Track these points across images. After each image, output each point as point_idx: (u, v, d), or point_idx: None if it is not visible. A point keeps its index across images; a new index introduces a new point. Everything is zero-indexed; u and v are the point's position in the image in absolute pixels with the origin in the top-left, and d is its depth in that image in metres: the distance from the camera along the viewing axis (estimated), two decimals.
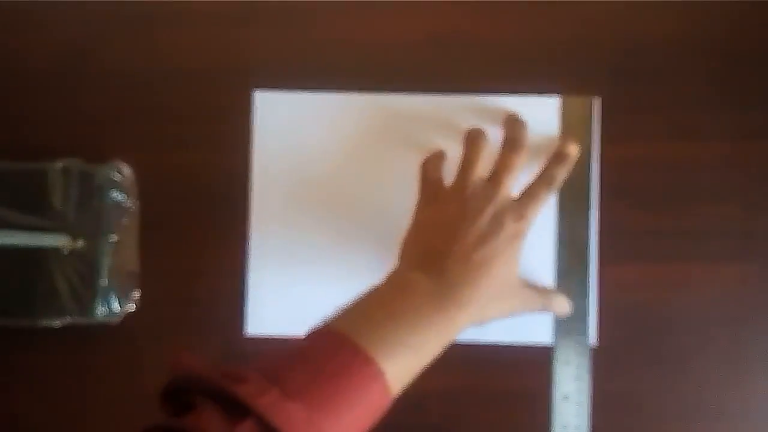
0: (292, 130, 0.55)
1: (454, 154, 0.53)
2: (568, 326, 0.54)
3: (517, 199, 0.50)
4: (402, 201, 0.53)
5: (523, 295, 0.50)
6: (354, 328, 0.43)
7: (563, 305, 0.53)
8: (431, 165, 0.53)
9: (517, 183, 0.51)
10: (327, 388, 0.40)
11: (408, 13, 0.55)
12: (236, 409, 0.37)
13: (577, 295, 0.54)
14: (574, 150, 0.52)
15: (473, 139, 0.52)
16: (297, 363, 0.41)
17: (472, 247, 0.47)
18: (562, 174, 0.51)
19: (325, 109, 0.55)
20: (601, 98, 0.54)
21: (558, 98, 0.55)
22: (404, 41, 0.55)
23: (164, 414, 0.40)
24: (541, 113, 0.54)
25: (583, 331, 0.54)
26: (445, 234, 0.48)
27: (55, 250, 0.52)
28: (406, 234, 0.51)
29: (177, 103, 0.56)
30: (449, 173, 0.53)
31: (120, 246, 0.53)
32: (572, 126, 0.54)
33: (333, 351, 0.42)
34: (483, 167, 0.51)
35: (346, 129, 0.55)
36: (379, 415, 0.42)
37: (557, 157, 0.52)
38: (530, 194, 0.50)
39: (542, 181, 0.51)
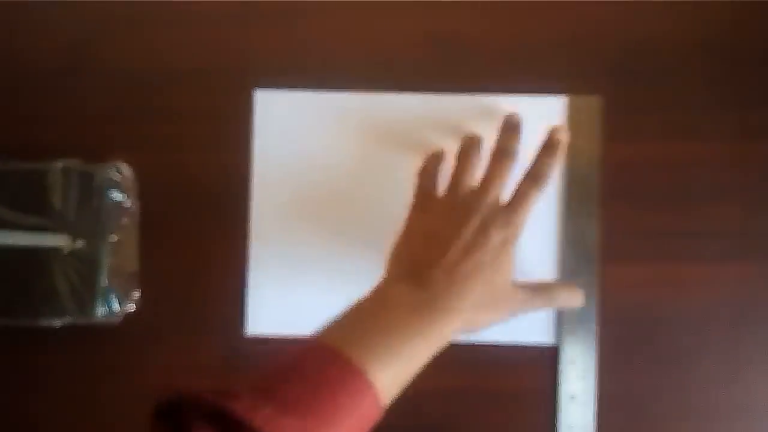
0: (293, 129, 0.55)
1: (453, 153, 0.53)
2: (573, 325, 0.54)
3: (507, 204, 0.49)
4: (402, 201, 0.53)
5: (517, 299, 0.49)
6: (343, 340, 0.43)
7: (572, 297, 0.52)
8: (426, 173, 0.53)
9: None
10: (320, 402, 0.40)
11: (408, 13, 0.55)
12: (231, 427, 0.37)
13: (584, 294, 0.53)
14: (564, 137, 0.51)
15: (465, 149, 0.52)
16: (289, 377, 0.41)
17: (458, 259, 0.47)
18: (552, 168, 0.50)
19: (326, 109, 0.55)
20: (601, 98, 0.55)
21: (564, 98, 0.54)
22: (404, 41, 0.55)
23: None
24: (545, 113, 0.54)
25: (590, 330, 0.54)
26: (432, 245, 0.48)
27: (55, 250, 0.52)
28: (395, 242, 0.51)
29: (177, 103, 0.56)
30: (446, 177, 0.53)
31: (120, 246, 0.53)
32: (579, 125, 0.54)
33: (324, 364, 0.42)
34: (473, 177, 0.51)
35: (347, 128, 0.55)
36: (370, 426, 0.42)
37: (546, 148, 0.50)
38: (519, 197, 0.49)
39: (531, 179, 0.49)
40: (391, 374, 0.43)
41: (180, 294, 0.55)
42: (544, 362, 0.54)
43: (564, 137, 0.51)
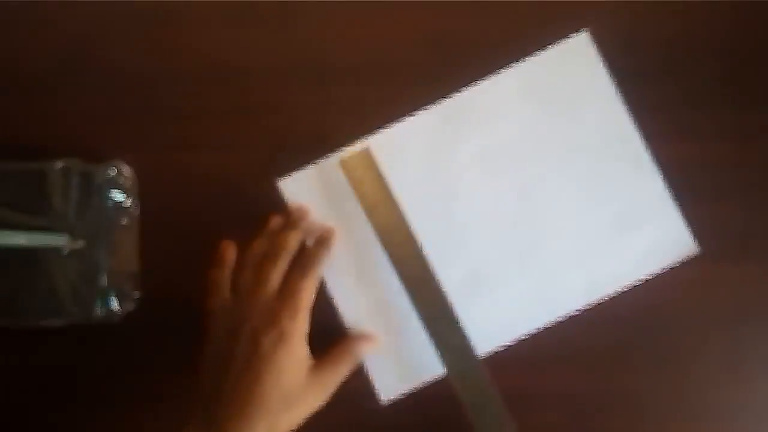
0: (325, 201, 0.55)
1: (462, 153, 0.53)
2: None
3: (278, 298, 0.49)
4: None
5: (320, 387, 0.49)
6: None
7: (371, 345, 0.53)
8: (212, 287, 0.52)
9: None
10: None
11: (408, 12, 0.55)
12: None
13: (453, 334, 0.52)
14: (333, 237, 0.53)
15: (220, 253, 0.52)
16: None
17: (236, 380, 0.47)
18: (320, 261, 0.51)
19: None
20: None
21: (585, 32, 0.54)
22: (405, 41, 0.55)
23: None
24: (577, 53, 0.54)
25: (474, 363, 0.52)
26: (215, 373, 0.48)
27: (55, 250, 0.52)
28: (198, 379, 0.50)
29: (177, 103, 0.56)
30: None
31: (120, 246, 0.53)
32: (360, 181, 0.54)
33: None
34: (247, 282, 0.51)
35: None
36: None
37: (318, 243, 0.52)
38: (289, 291, 0.49)
39: (300, 271, 0.50)
40: None
41: (180, 294, 0.55)
42: (541, 362, 0.54)
43: (333, 238, 0.52)
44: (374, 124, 0.55)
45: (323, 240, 0.53)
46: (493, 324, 0.54)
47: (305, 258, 0.51)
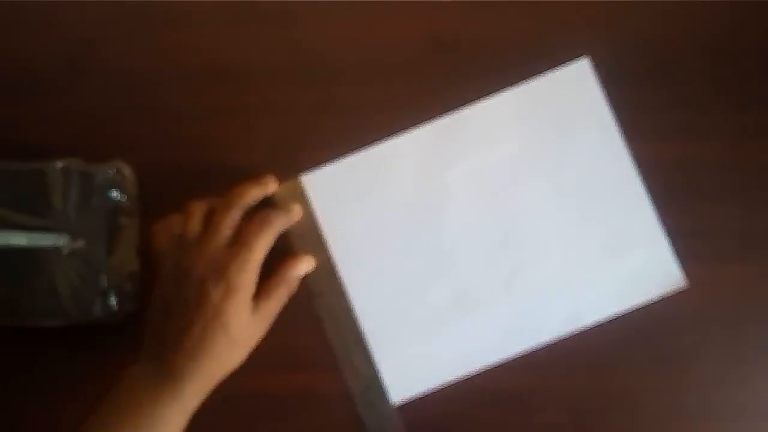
0: (350, 197, 0.55)
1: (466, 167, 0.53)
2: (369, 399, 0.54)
3: (228, 249, 0.49)
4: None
5: (262, 320, 0.50)
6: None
7: (306, 266, 0.53)
8: (155, 235, 0.52)
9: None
10: None
11: (408, 12, 0.55)
12: None
13: (365, 365, 0.54)
14: (298, 213, 0.54)
15: (189, 208, 0.51)
16: None
17: (185, 325, 0.48)
18: (281, 222, 0.52)
19: (370, 164, 0.55)
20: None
21: (585, 59, 0.54)
22: (405, 41, 0.55)
23: None
24: (576, 79, 0.54)
25: (382, 394, 0.54)
26: (165, 316, 0.49)
27: (55, 250, 0.52)
28: (147, 318, 0.51)
29: (177, 103, 0.56)
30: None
31: (120, 246, 0.53)
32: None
33: None
34: (196, 231, 0.51)
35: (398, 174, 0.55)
36: None
37: (282, 209, 0.53)
38: (242, 242, 0.49)
39: (259, 222, 0.50)
40: None
41: None
42: (541, 362, 0.54)
43: (299, 214, 0.53)
44: (374, 125, 0.55)
45: (287, 212, 0.53)
46: (477, 345, 0.54)
47: (265, 213, 0.51)
